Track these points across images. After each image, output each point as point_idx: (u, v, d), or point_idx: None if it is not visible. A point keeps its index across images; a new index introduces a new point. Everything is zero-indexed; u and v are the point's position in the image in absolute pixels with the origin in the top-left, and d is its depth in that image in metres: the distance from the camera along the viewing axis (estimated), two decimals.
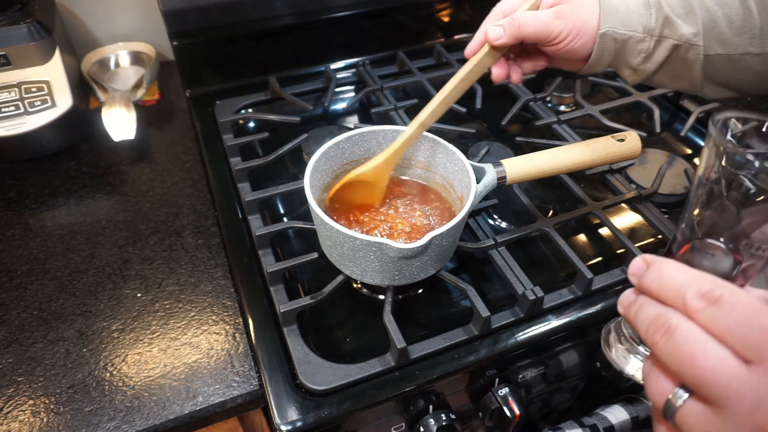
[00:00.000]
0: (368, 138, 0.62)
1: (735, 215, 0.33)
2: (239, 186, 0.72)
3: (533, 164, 0.60)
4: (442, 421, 0.57)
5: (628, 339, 0.42)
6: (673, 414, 0.29)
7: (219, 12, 0.85)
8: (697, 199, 0.35)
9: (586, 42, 0.51)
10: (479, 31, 0.54)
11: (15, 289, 0.64)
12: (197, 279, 0.65)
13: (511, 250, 0.64)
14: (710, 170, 0.34)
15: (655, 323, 0.29)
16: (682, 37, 0.50)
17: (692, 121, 0.84)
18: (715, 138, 0.33)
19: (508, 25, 0.51)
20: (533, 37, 0.51)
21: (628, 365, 0.41)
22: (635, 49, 0.52)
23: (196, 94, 0.90)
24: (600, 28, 0.50)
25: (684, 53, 0.51)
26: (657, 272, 0.30)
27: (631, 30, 0.51)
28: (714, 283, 0.28)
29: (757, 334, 0.25)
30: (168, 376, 0.56)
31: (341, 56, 0.96)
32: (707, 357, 0.26)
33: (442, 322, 0.59)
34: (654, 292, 0.30)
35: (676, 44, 0.51)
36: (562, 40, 0.51)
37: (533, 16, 0.51)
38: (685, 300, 0.28)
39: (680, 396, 0.28)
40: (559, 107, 0.91)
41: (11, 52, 0.76)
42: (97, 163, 0.80)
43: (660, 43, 0.51)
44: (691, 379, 0.27)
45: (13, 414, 0.53)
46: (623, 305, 0.33)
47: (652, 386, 0.30)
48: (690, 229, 0.37)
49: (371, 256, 0.52)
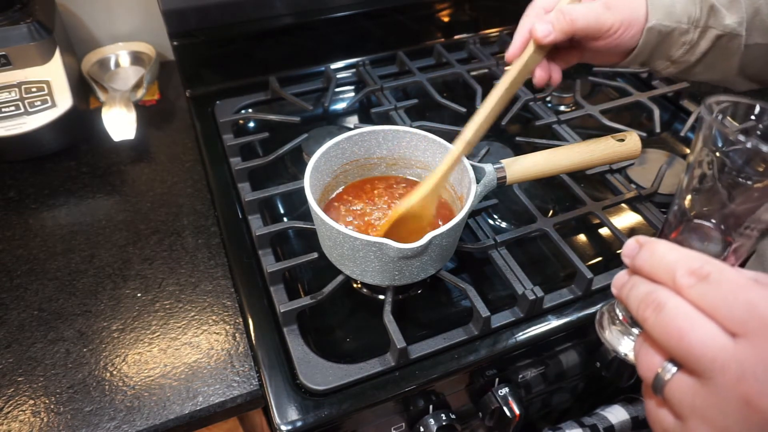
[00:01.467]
0: (368, 138, 0.62)
1: (725, 197, 0.34)
2: (239, 186, 0.72)
3: (533, 164, 0.60)
4: (442, 421, 0.57)
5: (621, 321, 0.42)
6: (662, 387, 0.29)
7: (219, 12, 0.85)
8: (689, 182, 0.36)
9: (635, 34, 0.50)
10: (519, 31, 0.51)
11: (15, 289, 0.64)
12: (197, 279, 0.65)
13: (511, 250, 0.64)
14: (701, 153, 0.34)
15: (646, 300, 0.30)
16: (726, 27, 0.49)
17: (692, 121, 0.84)
18: (707, 121, 0.33)
19: (558, 20, 0.48)
20: (584, 31, 0.49)
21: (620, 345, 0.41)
22: (678, 41, 0.50)
23: (196, 94, 0.90)
24: (648, 21, 0.49)
25: (726, 43, 0.50)
26: (649, 252, 0.31)
27: (676, 21, 0.49)
28: (703, 261, 0.28)
29: (742, 308, 0.26)
30: (168, 376, 0.56)
31: (341, 56, 0.96)
32: (695, 331, 0.27)
33: (442, 322, 0.59)
34: (646, 271, 0.31)
35: (720, 35, 0.49)
36: (614, 32, 0.49)
37: (584, 8, 0.48)
38: (675, 277, 0.29)
39: (669, 370, 0.29)
40: (559, 107, 0.91)
41: (11, 52, 0.76)
42: (97, 163, 0.80)
43: (704, 34, 0.50)
44: (679, 352, 0.28)
45: (13, 414, 0.53)
46: (616, 286, 0.33)
47: (642, 362, 0.31)
48: (681, 212, 0.37)
49: (371, 256, 0.52)
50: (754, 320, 0.26)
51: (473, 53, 0.96)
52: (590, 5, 0.49)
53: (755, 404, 0.25)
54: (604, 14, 0.48)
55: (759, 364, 0.25)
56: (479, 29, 1.03)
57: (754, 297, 0.26)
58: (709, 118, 0.33)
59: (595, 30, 0.49)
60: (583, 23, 0.48)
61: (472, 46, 0.98)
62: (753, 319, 0.26)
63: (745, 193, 0.33)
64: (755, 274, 0.29)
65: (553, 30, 0.48)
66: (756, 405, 0.25)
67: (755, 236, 0.35)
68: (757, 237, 0.35)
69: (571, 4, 0.49)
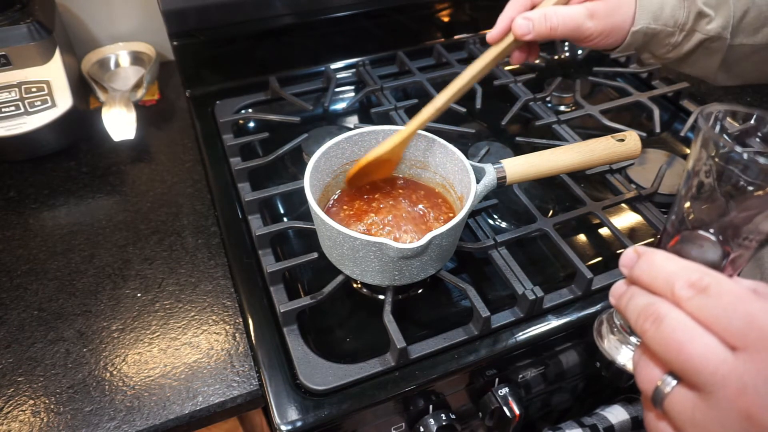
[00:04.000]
0: (368, 138, 0.62)
1: (724, 207, 0.34)
2: (239, 186, 0.72)
3: (533, 164, 0.60)
4: (442, 421, 0.57)
5: (620, 330, 0.42)
6: (662, 400, 0.29)
7: (219, 12, 0.85)
8: (687, 192, 0.36)
9: (616, 40, 0.51)
10: (503, 17, 0.52)
11: (15, 289, 0.64)
12: (197, 279, 0.65)
13: (511, 250, 0.64)
14: (700, 163, 0.34)
15: (645, 312, 0.29)
16: (710, 31, 0.50)
17: (692, 121, 0.84)
18: (704, 131, 0.33)
19: (539, 23, 0.49)
20: (564, 37, 0.50)
21: (619, 355, 0.41)
22: (663, 42, 0.51)
23: (196, 94, 0.90)
24: (634, 26, 0.50)
25: (709, 44, 0.51)
26: (647, 263, 0.31)
27: (662, 24, 0.50)
28: (702, 273, 0.28)
29: (742, 321, 0.26)
30: (168, 376, 0.56)
31: (341, 56, 0.96)
32: (695, 344, 0.27)
33: (442, 322, 0.59)
34: (644, 282, 0.31)
35: (704, 38, 0.50)
36: (593, 39, 0.50)
37: (565, 15, 0.49)
38: (674, 289, 0.28)
39: (668, 383, 0.29)
40: (559, 107, 0.91)
41: (11, 52, 0.76)
42: (97, 163, 0.80)
43: (689, 38, 0.50)
44: (679, 365, 0.28)
45: (13, 414, 0.53)
46: (615, 296, 0.33)
47: (641, 374, 0.31)
48: (680, 221, 0.37)
49: (371, 256, 0.52)
50: (753, 333, 0.26)
51: (473, 53, 0.96)
52: (573, 11, 0.49)
53: (756, 418, 0.25)
54: (586, 23, 0.49)
55: (759, 377, 0.25)
56: (479, 29, 1.03)
57: (754, 309, 0.26)
58: (705, 127, 0.33)
59: (574, 37, 0.50)
60: (563, 32, 0.49)
61: (472, 46, 0.98)
62: (753, 331, 0.26)
63: (743, 202, 0.33)
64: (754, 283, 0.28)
65: (532, 30, 0.49)
66: (757, 419, 0.25)
67: (754, 247, 0.34)
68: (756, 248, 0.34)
69: (554, 7, 0.49)
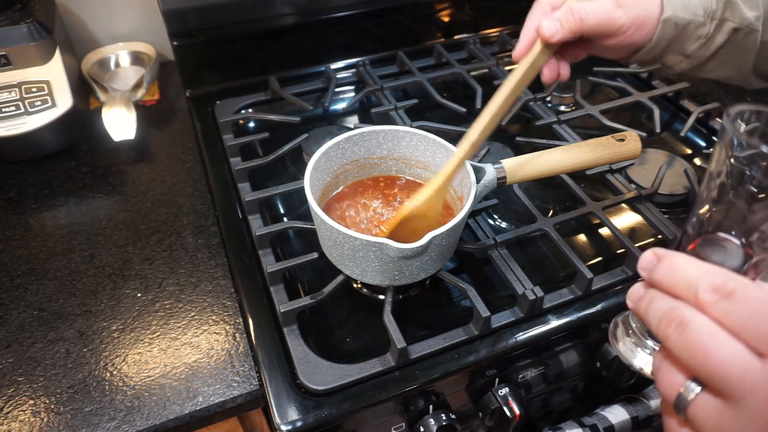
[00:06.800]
0: (368, 138, 0.62)
1: (746, 209, 0.33)
2: (239, 186, 0.72)
3: (533, 164, 0.60)
4: (442, 421, 0.57)
5: (636, 332, 0.42)
6: (686, 408, 0.28)
7: (219, 12, 0.85)
8: (708, 194, 0.35)
9: (647, 32, 0.48)
10: (526, 29, 0.49)
11: (15, 289, 0.64)
12: (197, 279, 0.65)
13: (511, 250, 0.64)
14: (722, 164, 0.33)
15: (667, 317, 0.29)
16: (743, 20, 0.48)
17: (692, 121, 0.84)
18: (729, 132, 0.32)
19: (567, 18, 0.46)
20: (594, 29, 0.47)
21: (635, 359, 0.41)
22: (694, 35, 0.49)
23: (196, 94, 0.90)
24: (663, 13, 0.47)
25: (742, 38, 0.49)
26: (668, 266, 0.30)
27: (692, 14, 0.48)
28: (726, 277, 0.27)
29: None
30: (168, 376, 0.56)
31: (341, 56, 0.96)
32: (721, 350, 0.26)
33: (442, 322, 0.59)
34: (665, 286, 0.30)
35: (737, 28, 0.48)
36: (625, 31, 0.47)
37: (594, 6, 0.46)
38: (698, 293, 0.28)
39: (692, 389, 0.28)
40: (559, 107, 0.91)
41: (11, 52, 0.76)
42: (97, 163, 0.80)
43: (720, 27, 0.48)
44: (704, 372, 0.27)
45: (13, 414, 0.53)
46: (632, 299, 0.32)
47: (663, 380, 0.30)
48: (700, 223, 0.36)
49: (371, 256, 0.52)
50: None
51: (473, 53, 0.96)
52: (600, 3, 0.47)
53: None
54: (615, 12, 0.47)
55: None
56: (479, 29, 1.03)
57: None
58: (730, 127, 0.32)
59: (605, 29, 0.47)
60: (593, 22, 0.46)
61: (472, 46, 0.98)
62: None
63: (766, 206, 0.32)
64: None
65: (561, 28, 0.46)
66: None
67: None
68: None
69: (580, 2, 0.47)
